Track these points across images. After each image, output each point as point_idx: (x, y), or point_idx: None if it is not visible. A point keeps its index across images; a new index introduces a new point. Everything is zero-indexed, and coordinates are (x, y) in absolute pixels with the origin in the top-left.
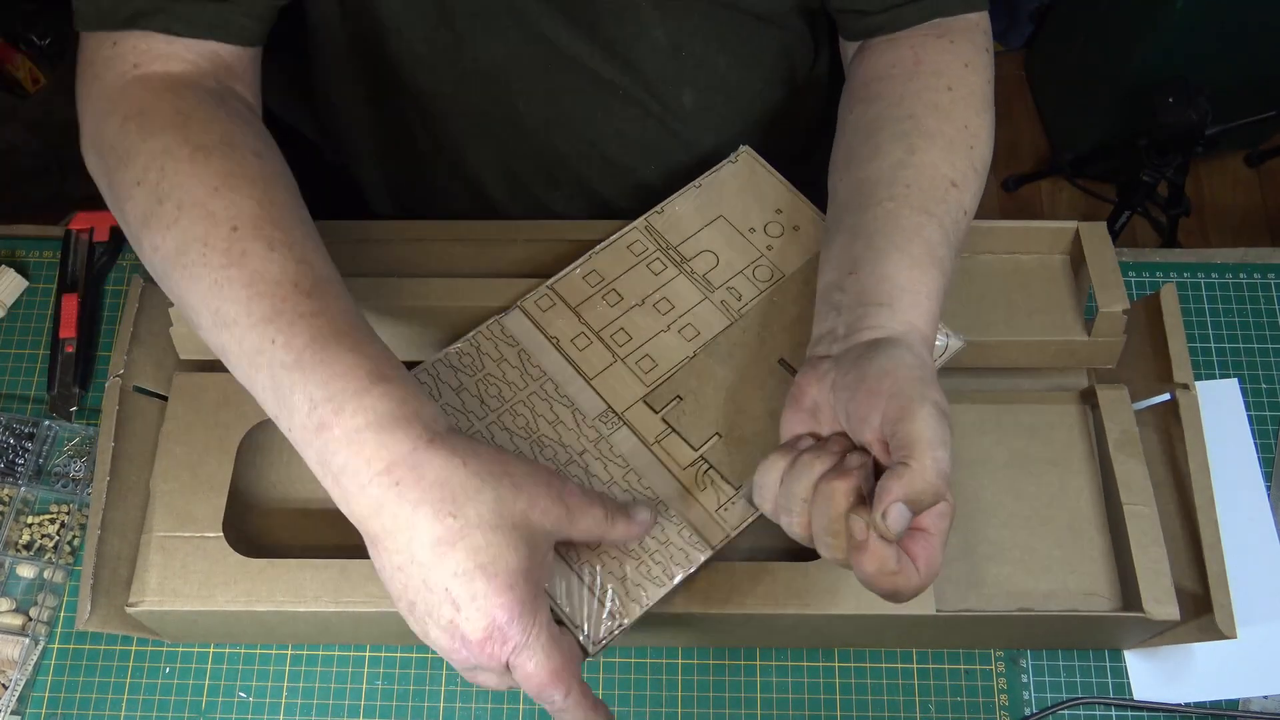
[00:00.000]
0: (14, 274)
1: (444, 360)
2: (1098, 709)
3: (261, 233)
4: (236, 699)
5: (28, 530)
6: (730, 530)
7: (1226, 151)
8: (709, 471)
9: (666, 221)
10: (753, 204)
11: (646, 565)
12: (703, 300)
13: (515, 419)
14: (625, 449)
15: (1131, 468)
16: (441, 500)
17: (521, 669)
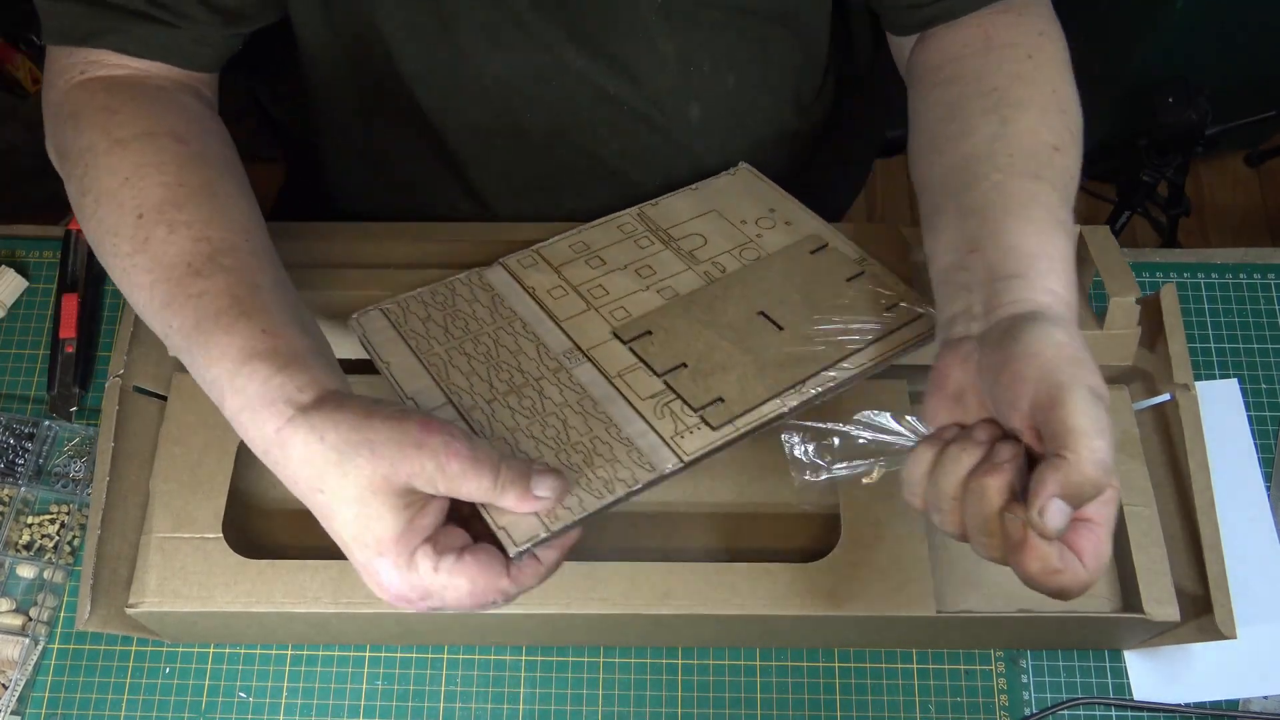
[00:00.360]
0: (14, 274)
1: (416, 296)
2: (1098, 709)
3: (164, 217)
4: (236, 699)
5: (28, 530)
6: (685, 456)
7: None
8: (671, 403)
9: (660, 211)
10: (747, 203)
11: (588, 477)
12: (686, 270)
13: (477, 346)
14: (584, 380)
15: (1132, 468)
16: (309, 478)
17: (445, 605)
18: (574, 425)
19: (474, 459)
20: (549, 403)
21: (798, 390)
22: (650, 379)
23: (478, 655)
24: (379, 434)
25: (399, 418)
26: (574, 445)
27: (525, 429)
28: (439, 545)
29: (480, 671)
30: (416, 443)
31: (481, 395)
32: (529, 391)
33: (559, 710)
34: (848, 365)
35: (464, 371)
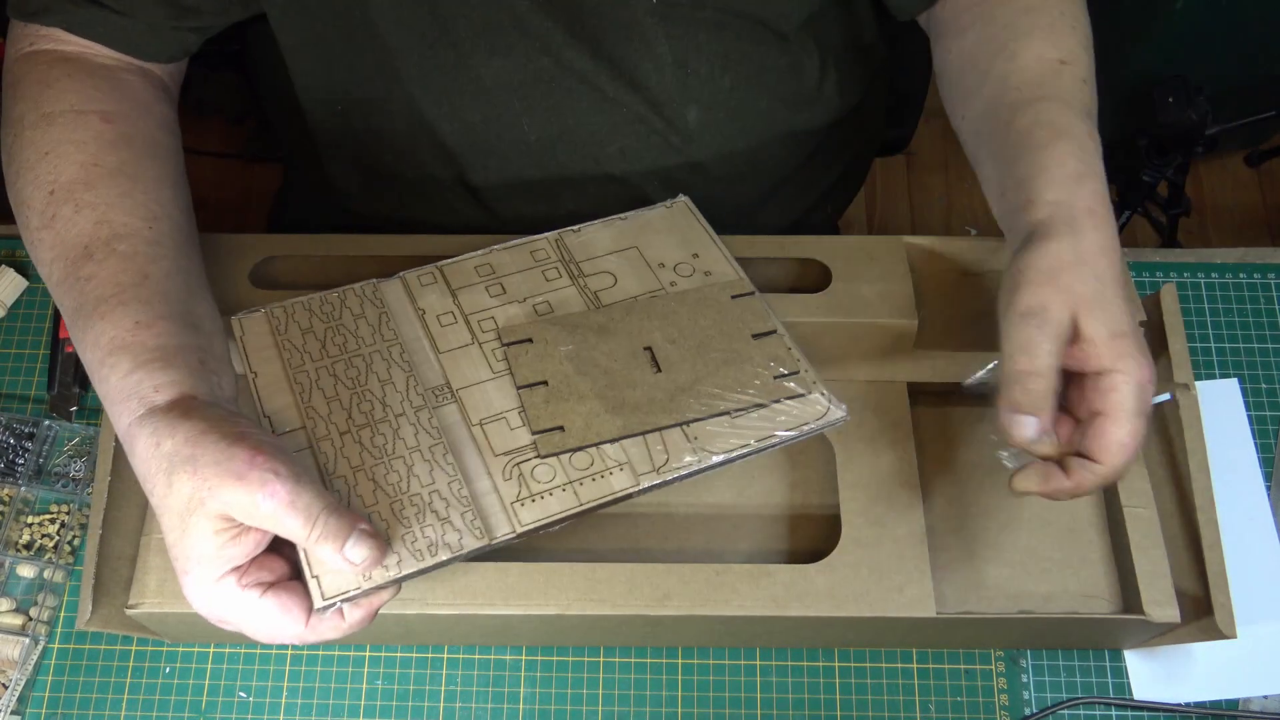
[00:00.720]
0: (14, 274)
1: (304, 304)
2: (1098, 709)
3: (73, 196)
4: (236, 699)
5: (28, 530)
6: (519, 526)
7: (1226, 151)
8: (522, 464)
9: (580, 240)
10: (672, 244)
11: (415, 535)
12: (584, 311)
13: (348, 369)
14: (446, 423)
15: (1132, 469)
16: (143, 478)
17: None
18: (418, 474)
19: (291, 504)
20: (400, 444)
21: (647, 447)
22: (508, 434)
23: (478, 655)
24: (205, 455)
25: (230, 442)
26: (411, 497)
27: (369, 470)
28: (245, 578)
29: (480, 671)
30: (237, 474)
31: (337, 426)
32: (385, 429)
33: (559, 710)
34: (712, 432)
35: (327, 396)
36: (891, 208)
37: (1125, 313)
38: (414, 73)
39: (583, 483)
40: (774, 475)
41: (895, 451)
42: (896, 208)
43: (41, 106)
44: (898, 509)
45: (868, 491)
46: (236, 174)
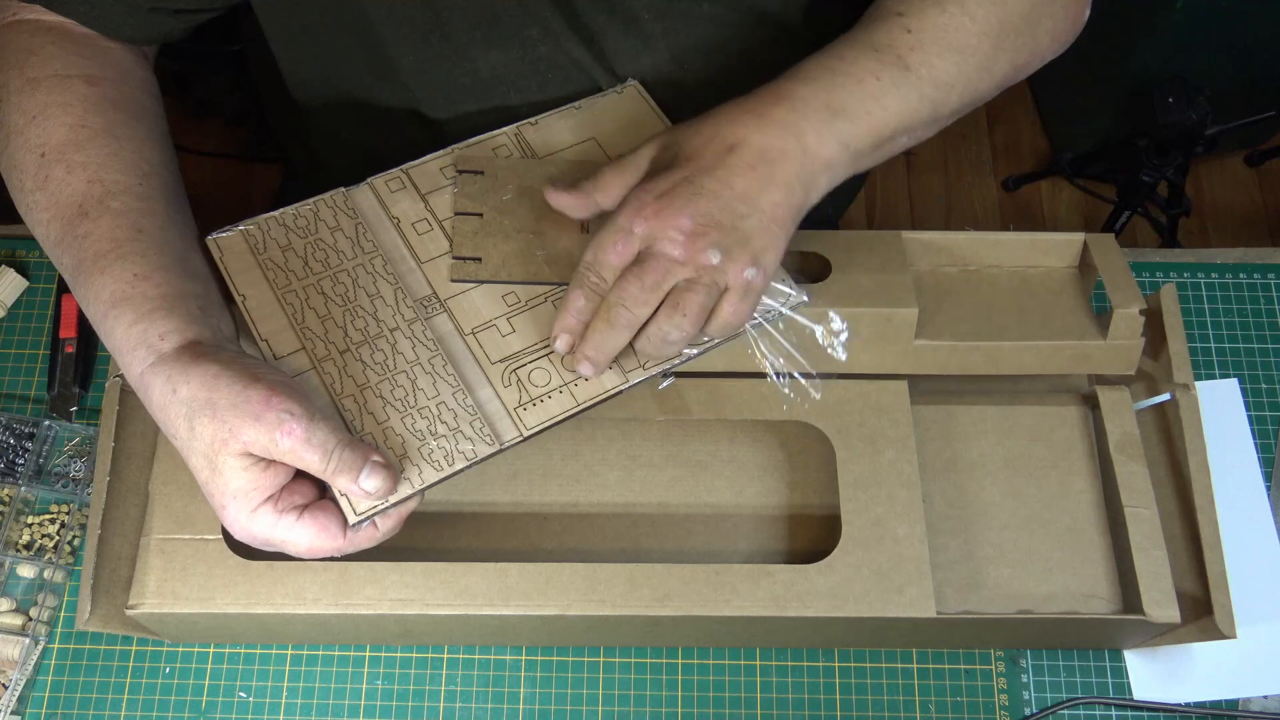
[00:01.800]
0: (14, 274)
1: (278, 218)
2: (1098, 709)
3: (64, 157)
4: (236, 699)
5: (28, 530)
6: (525, 430)
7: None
8: (518, 369)
9: (538, 133)
10: (631, 134)
11: (430, 446)
12: None
13: (335, 285)
14: (441, 333)
15: (1133, 470)
16: (165, 424)
17: (286, 551)
18: (422, 387)
19: (307, 440)
20: (401, 359)
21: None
22: (500, 341)
23: (478, 655)
24: (222, 398)
25: (245, 384)
26: (420, 410)
27: (375, 386)
28: (280, 504)
29: (480, 671)
30: (254, 415)
31: (335, 345)
32: (382, 344)
33: (559, 710)
34: None
35: (319, 315)
36: (891, 207)
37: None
38: (408, 63)
39: (577, 384)
40: (774, 475)
41: (895, 451)
42: (896, 207)
43: (26, 72)
44: (898, 509)
45: (868, 491)
46: (236, 174)
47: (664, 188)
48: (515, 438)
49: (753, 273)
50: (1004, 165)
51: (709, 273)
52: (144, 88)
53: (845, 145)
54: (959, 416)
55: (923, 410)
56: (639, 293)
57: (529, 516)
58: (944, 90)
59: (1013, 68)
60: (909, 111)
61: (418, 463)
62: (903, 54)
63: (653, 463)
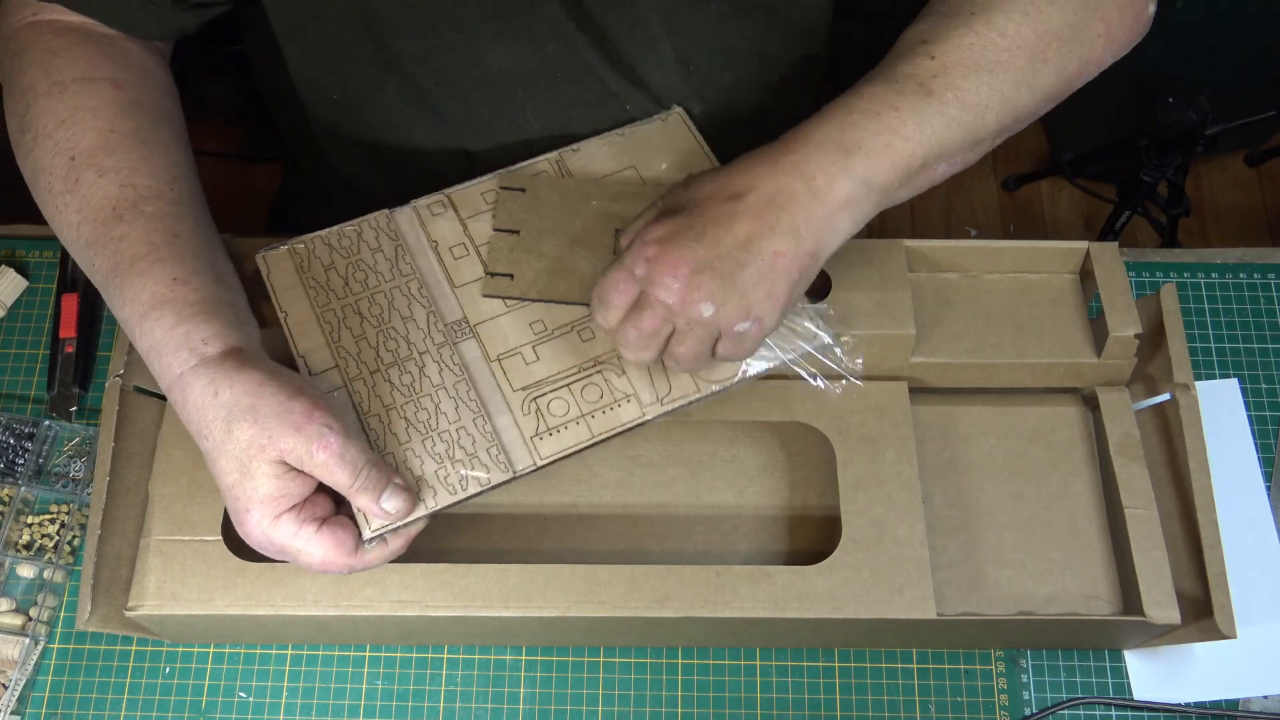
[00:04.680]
0: (14, 274)
1: (324, 238)
2: (1098, 709)
3: (94, 161)
4: (236, 699)
5: (28, 530)
6: (539, 460)
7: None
8: (539, 399)
9: (579, 160)
10: (671, 162)
11: (446, 470)
12: None
13: (371, 306)
14: (468, 358)
15: (1133, 470)
16: (199, 424)
17: (297, 563)
18: (445, 411)
19: (341, 456)
20: (427, 382)
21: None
22: (524, 369)
23: (478, 655)
24: (266, 405)
25: (289, 394)
26: (440, 434)
27: (400, 408)
28: (303, 514)
29: (480, 671)
30: (296, 425)
31: (367, 365)
32: (411, 367)
33: (559, 710)
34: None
35: (355, 335)
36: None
37: (691, 255)
38: (416, 55)
39: (594, 415)
40: (774, 475)
41: (895, 451)
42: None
43: (53, 75)
44: (898, 509)
45: (868, 492)
46: (236, 174)
47: (666, 233)
48: (529, 466)
49: (746, 325)
50: (1004, 165)
51: (701, 325)
52: (165, 90)
53: (865, 182)
54: (959, 417)
55: (922, 411)
56: (637, 339)
57: (529, 517)
58: (976, 112)
59: (1061, 78)
60: (938, 139)
61: (433, 485)
62: (924, 81)
63: (653, 463)
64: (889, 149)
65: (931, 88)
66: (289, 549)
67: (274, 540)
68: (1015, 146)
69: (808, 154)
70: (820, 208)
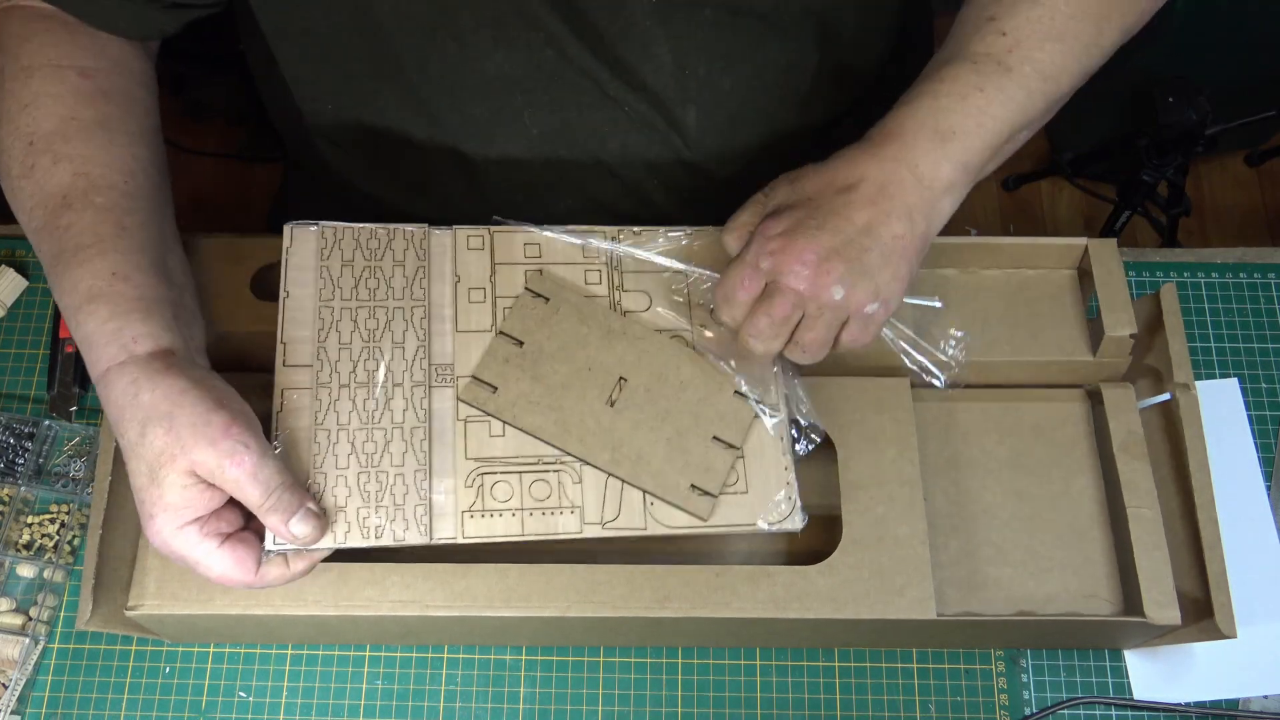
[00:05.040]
0: (14, 274)
1: (353, 233)
2: (1098, 709)
3: (51, 147)
4: (236, 699)
5: (28, 530)
6: (461, 537)
7: (1226, 151)
8: (486, 475)
9: (638, 241)
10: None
11: (368, 513)
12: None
13: (369, 319)
14: (436, 407)
15: (1136, 469)
16: (116, 422)
17: (197, 572)
18: (392, 452)
19: (253, 476)
20: (388, 417)
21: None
22: (486, 440)
23: (478, 655)
24: (184, 415)
25: (210, 406)
26: (378, 473)
27: (351, 432)
28: (206, 527)
29: (480, 671)
30: (211, 439)
31: (339, 377)
32: (379, 394)
33: (559, 710)
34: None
35: (342, 341)
36: None
37: (817, 244)
38: (414, 62)
39: (532, 514)
40: None
41: (896, 451)
42: None
43: (21, 60)
44: (898, 508)
45: (868, 491)
46: (236, 174)
47: (787, 225)
48: (448, 538)
49: (875, 306)
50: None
51: (831, 308)
52: (138, 80)
53: (963, 165)
54: (960, 414)
55: (924, 408)
56: (768, 327)
57: None
58: (1053, 81)
59: (1123, 33)
60: (1021, 111)
61: (350, 521)
62: (1001, 58)
63: None
64: (980, 129)
65: (1009, 64)
66: (188, 559)
67: (174, 549)
68: None
69: (907, 143)
70: (927, 192)
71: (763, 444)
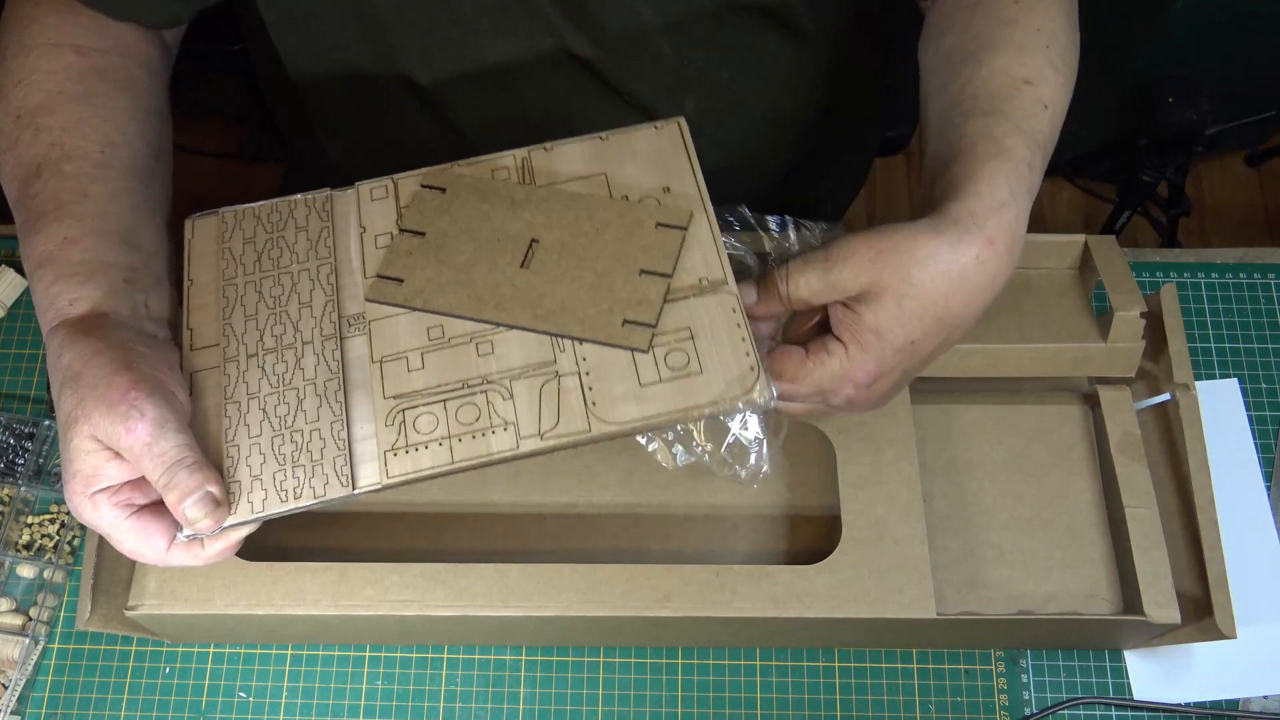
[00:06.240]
0: (14, 274)
1: (254, 210)
2: (1098, 709)
3: (34, 120)
4: (236, 699)
5: (28, 530)
6: (386, 479)
7: (1226, 151)
8: (408, 410)
9: (549, 160)
10: (646, 174)
11: (285, 474)
12: None
13: (274, 286)
14: (350, 357)
15: (1134, 470)
16: (53, 384)
17: (110, 542)
18: (306, 409)
19: (148, 447)
20: (299, 375)
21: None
22: (403, 376)
23: (478, 655)
24: (89, 376)
25: (114, 369)
26: (293, 433)
27: (262, 399)
28: (116, 497)
29: (480, 671)
30: (109, 402)
31: (246, 348)
32: (289, 356)
33: (559, 710)
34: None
35: (247, 314)
36: (891, 208)
37: (912, 331)
38: (414, 49)
39: (461, 439)
40: (774, 475)
41: (895, 451)
42: (896, 208)
43: (22, 39)
44: (898, 509)
45: (868, 491)
46: (236, 174)
47: (884, 387)
48: (373, 484)
49: None
50: None
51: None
52: (142, 62)
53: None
54: (959, 416)
55: (923, 410)
56: (787, 409)
57: (529, 517)
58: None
59: None
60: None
61: (267, 489)
62: (1043, 138)
63: (653, 463)
64: (1031, 192)
65: (1047, 148)
66: (100, 529)
67: (84, 517)
68: None
69: (1016, 248)
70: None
71: (714, 320)
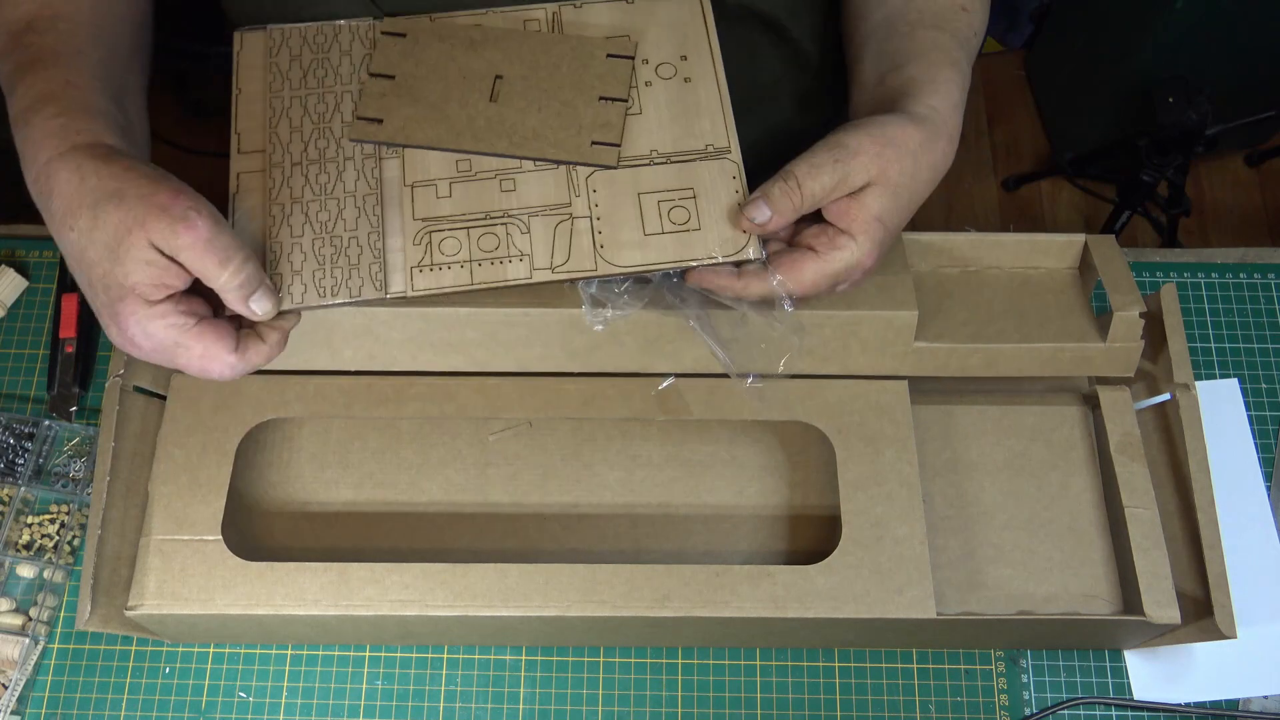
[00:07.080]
0: (14, 274)
1: (300, 30)
2: (1098, 709)
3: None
4: (236, 699)
5: (28, 530)
6: (411, 290)
7: (1226, 151)
8: (435, 232)
9: (578, 16)
10: (665, 39)
11: (324, 273)
12: None
13: (319, 103)
14: (386, 176)
15: (1133, 470)
16: (64, 214)
17: (175, 364)
18: (345, 218)
19: (209, 243)
20: (340, 186)
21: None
22: (432, 201)
23: (478, 655)
24: (131, 189)
25: (155, 179)
26: (333, 238)
27: (305, 204)
28: (181, 306)
29: (480, 671)
30: (162, 205)
31: (291, 156)
32: (331, 169)
33: (559, 710)
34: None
35: (293, 125)
36: None
37: (900, 215)
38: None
39: (480, 264)
40: (774, 475)
41: (895, 451)
42: None
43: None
44: (898, 509)
45: (868, 492)
46: None
47: (875, 265)
48: (400, 292)
49: None
50: (1004, 165)
51: None
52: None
53: None
54: (959, 416)
55: (922, 410)
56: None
57: (529, 517)
58: None
59: None
60: None
61: (306, 284)
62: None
63: (653, 463)
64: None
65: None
66: (166, 343)
67: (150, 332)
68: (1015, 146)
69: (952, 124)
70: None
71: (715, 184)
